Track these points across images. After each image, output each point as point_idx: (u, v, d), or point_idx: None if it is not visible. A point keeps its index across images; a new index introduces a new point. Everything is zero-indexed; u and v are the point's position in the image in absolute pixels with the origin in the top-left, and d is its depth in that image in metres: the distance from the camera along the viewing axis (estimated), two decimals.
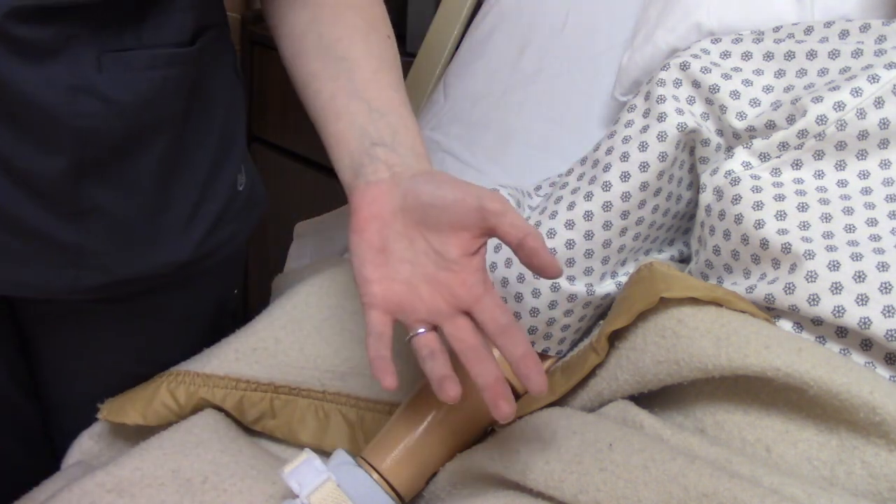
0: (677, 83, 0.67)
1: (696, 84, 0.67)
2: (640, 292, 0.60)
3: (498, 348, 0.52)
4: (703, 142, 0.67)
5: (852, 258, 0.56)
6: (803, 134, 0.61)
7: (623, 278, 0.68)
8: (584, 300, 0.67)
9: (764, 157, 0.63)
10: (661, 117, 0.65)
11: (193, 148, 0.66)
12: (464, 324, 0.53)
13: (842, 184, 0.61)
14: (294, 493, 0.57)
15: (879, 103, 0.59)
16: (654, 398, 0.61)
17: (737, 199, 0.61)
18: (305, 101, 0.63)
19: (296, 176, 1.48)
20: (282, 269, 1.07)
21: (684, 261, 0.74)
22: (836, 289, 0.55)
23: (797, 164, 0.62)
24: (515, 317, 0.66)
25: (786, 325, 0.58)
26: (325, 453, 0.64)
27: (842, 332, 0.56)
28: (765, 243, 0.59)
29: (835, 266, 0.55)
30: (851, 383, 0.51)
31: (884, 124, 0.59)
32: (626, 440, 0.54)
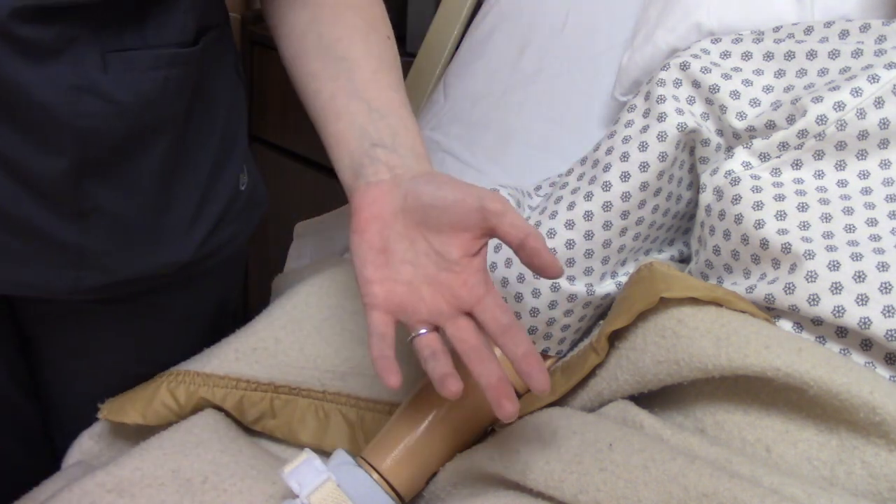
0: (677, 83, 0.67)
1: (696, 84, 0.67)
2: (640, 292, 0.60)
3: (500, 348, 0.52)
4: (703, 142, 0.67)
5: (852, 258, 0.56)
6: (803, 134, 0.61)
7: (623, 278, 0.68)
8: (584, 300, 0.67)
9: (764, 157, 0.63)
10: (661, 117, 0.65)
11: (195, 148, 0.66)
12: (465, 324, 0.53)
13: (842, 184, 0.61)
14: (294, 493, 0.57)
15: (879, 103, 0.59)
16: (654, 398, 0.61)
17: (737, 199, 0.61)
18: (305, 101, 0.63)
19: (296, 176, 1.48)
20: (282, 269, 1.07)
21: (684, 261, 0.74)
22: (836, 289, 0.55)
23: (797, 164, 0.62)
24: (515, 317, 0.66)
25: (786, 325, 0.58)
26: (325, 453, 0.64)
27: (842, 332, 0.56)
28: (765, 243, 0.59)
29: (835, 266, 0.55)
30: (851, 383, 0.51)
31: (884, 124, 0.59)
32: (626, 440, 0.54)
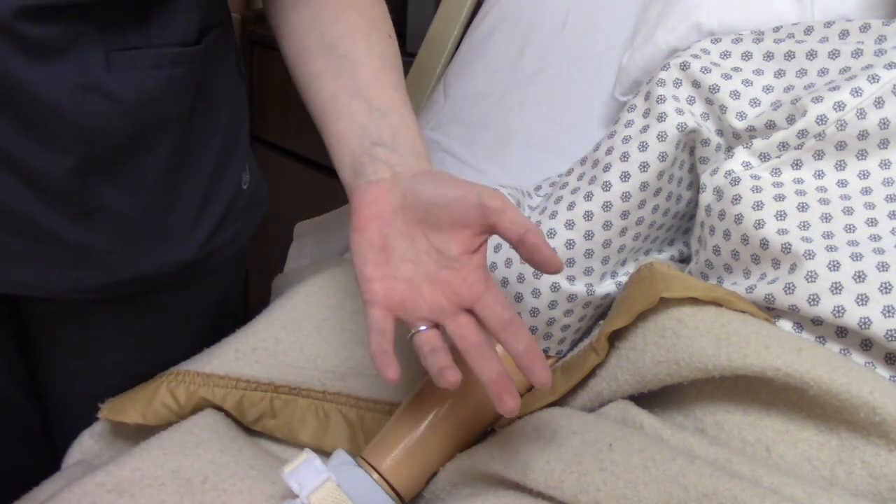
0: (677, 83, 0.67)
1: (696, 84, 0.67)
2: (640, 292, 0.60)
3: (501, 343, 0.52)
4: (703, 142, 0.67)
5: (852, 258, 0.56)
6: (803, 134, 0.61)
7: (623, 278, 0.68)
8: (584, 300, 0.67)
9: (764, 157, 0.63)
10: (661, 117, 0.65)
11: (199, 147, 0.66)
12: (466, 321, 0.53)
13: (842, 184, 0.61)
14: (294, 493, 0.57)
15: (879, 103, 0.59)
16: (654, 398, 0.61)
17: (737, 199, 0.61)
18: (307, 100, 0.63)
19: (296, 176, 1.48)
20: (282, 269, 1.07)
21: (684, 261, 0.74)
22: (836, 289, 0.55)
23: (797, 164, 0.62)
24: (516, 313, 0.66)
25: (786, 325, 0.58)
26: (325, 453, 0.64)
27: (842, 332, 0.56)
28: (765, 243, 0.59)
29: (835, 266, 0.55)
30: (851, 383, 0.51)
31: (884, 124, 0.59)
32: (626, 440, 0.54)
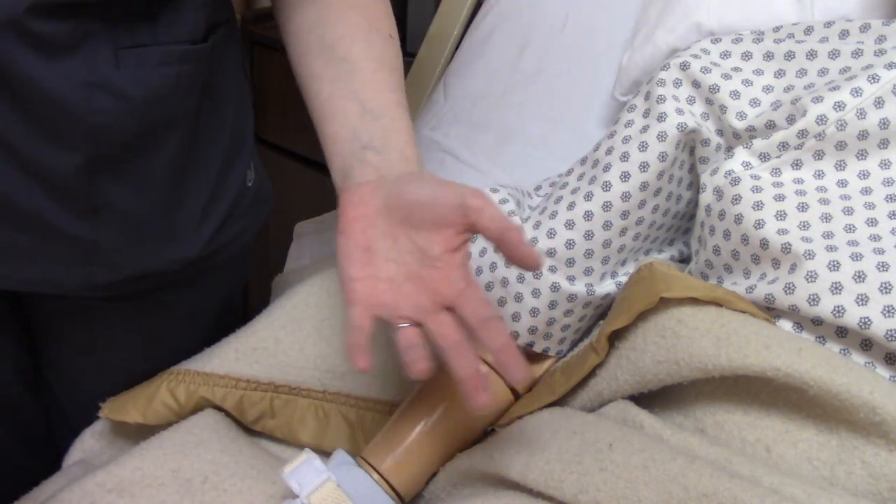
0: (677, 83, 0.67)
1: (696, 84, 0.67)
2: (640, 292, 0.60)
3: (479, 340, 0.52)
4: (703, 142, 0.67)
5: (852, 258, 0.56)
6: (803, 134, 0.61)
7: (623, 278, 0.68)
8: (584, 300, 0.67)
9: (764, 157, 0.63)
10: (661, 117, 0.65)
11: (206, 145, 0.67)
12: (446, 319, 0.53)
13: (842, 184, 0.61)
14: (294, 493, 0.57)
15: (879, 103, 0.59)
16: (654, 398, 0.61)
17: (737, 199, 0.61)
18: (307, 100, 0.64)
19: (296, 176, 1.48)
20: (282, 269, 1.07)
21: (684, 261, 0.74)
22: (836, 289, 0.55)
23: (797, 164, 0.62)
24: (515, 317, 0.67)
25: (786, 325, 0.58)
26: (325, 453, 0.64)
27: (842, 332, 0.56)
28: (765, 243, 0.59)
29: (835, 266, 0.55)
30: (851, 383, 0.51)
31: (884, 124, 0.59)
32: (626, 440, 0.54)
